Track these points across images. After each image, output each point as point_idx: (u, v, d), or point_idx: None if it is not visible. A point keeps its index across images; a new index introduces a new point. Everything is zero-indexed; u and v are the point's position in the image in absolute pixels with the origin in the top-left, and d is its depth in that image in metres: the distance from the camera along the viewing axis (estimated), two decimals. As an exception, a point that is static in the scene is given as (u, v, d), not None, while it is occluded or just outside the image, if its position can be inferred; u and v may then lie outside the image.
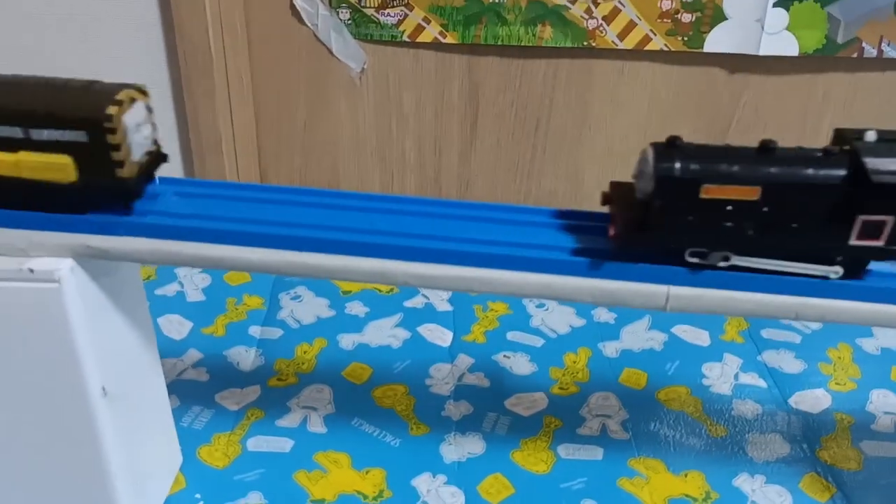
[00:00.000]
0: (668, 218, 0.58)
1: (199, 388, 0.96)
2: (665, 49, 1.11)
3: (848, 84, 1.14)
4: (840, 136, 0.60)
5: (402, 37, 1.14)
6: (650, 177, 0.57)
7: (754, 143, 0.58)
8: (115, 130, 0.58)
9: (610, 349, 1.05)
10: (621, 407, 0.95)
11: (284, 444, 0.89)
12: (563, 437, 0.91)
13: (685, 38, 1.10)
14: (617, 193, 0.62)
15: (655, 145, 0.58)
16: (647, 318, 1.11)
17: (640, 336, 1.08)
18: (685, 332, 1.08)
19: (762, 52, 1.10)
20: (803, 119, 1.17)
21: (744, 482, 0.86)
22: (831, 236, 0.58)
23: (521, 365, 1.02)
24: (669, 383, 0.99)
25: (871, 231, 0.58)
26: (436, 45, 1.14)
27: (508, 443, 0.90)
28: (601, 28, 1.11)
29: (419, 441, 0.90)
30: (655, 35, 1.11)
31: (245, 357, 1.01)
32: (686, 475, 0.87)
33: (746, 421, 0.94)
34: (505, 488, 0.85)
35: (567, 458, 0.88)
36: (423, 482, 0.85)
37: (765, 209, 0.58)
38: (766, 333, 1.08)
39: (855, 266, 0.60)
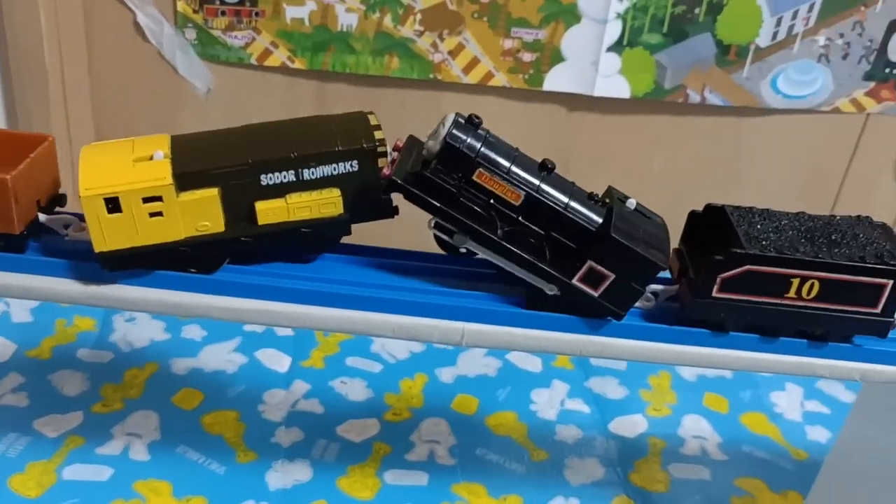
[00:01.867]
0: (437, 182, 0.59)
1: (16, 415, 0.92)
2: (507, 86, 1.16)
3: (676, 127, 1.22)
4: (608, 193, 0.64)
5: (249, 59, 1.14)
6: (440, 140, 0.59)
7: (595, 180, 0.60)
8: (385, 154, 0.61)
9: (446, 375, 1.08)
10: (451, 433, 0.98)
11: (103, 473, 0.87)
12: (391, 463, 0.93)
13: (526, 77, 1.15)
14: (407, 146, 0.63)
15: (457, 115, 0.60)
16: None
17: (476, 362, 1.11)
18: (519, 358, 1.13)
19: (597, 94, 1.16)
20: (638, 158, 1.24)
21: (559, 505, 0.90)
22: (560, 268, 0.61)
23: (357, 391, 1.04)
24: (499, 409, 1.03)
25: (593, 279, 0.61)
26: (285, 70, 1.15)
27: (336, 469, 0.91)
28: (447, 62, 1.14)
29: (245, 468, 0.90)
30: (498, 72, 1.15)
31: (70, 381, 0.98)
32: (505, 499, 0.90)
33: (567, 446, 0.98)
34: (328, 515, 0.86)
35: (392, 483, 0.90)
36: (246, 510, 0.86)
37: (520, 217, 0.60)
38: (595, 361, 1.14)
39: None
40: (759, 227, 0.63)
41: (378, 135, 0.61)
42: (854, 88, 1.20)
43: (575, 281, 0.61)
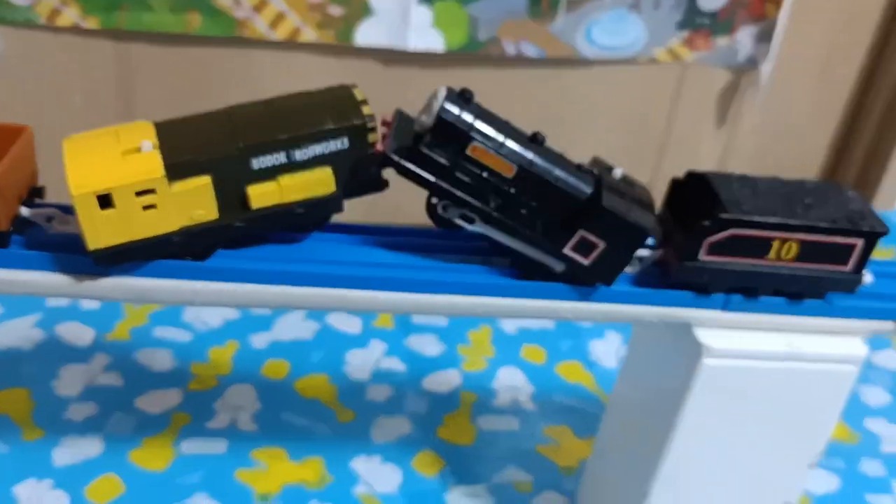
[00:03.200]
0: (431, 157, 0.59)
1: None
2: (318, 42, 1.13)
3: (496, 80, 1.21)
4: (595, 162, 0.66)
5: (38, 20, 1.07)
6: (433, 114, 0.58)
7: None
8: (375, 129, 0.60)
9: (259, 341, 1.05)
10: (257, 399, 0.96)
11: None
12: (190, 432, 0.90)
13: (336, 32, 1.12)
14: (396, 120, 0.62)
15: (450, 89, 0.60)
16: (306, 307, 1.12)
17: (293, 326, 1.09)
18: (338, 320, 1.11)
19: (411, 48, 1.14)
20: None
21: (360, 463, 0.89)
22: (552, 238, 0.63)
23: (162, 361, 1.00)
24: (310, 372, 1.01)
25: (584, 248, 0.62)
26: (77, 30, 1.09)
27: (129, 442, 0.88)
28: (251, 18, 1.10)
29: (31, 446, 0.86)
30: (306, 27, 1.11)
31: None
32: (306, 461, 0.88)
33: (377, 405, 0.97)
34: (115, 488, 0.83)
35: (188, 453, 0.88)
36: (27, 488, 0.82)
37: (512, 190, 0.61)
38: (416, 318, 1.13)
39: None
40: (738, 192, 0.66)
41: (366, 110, 0.60)
42: (669, 38, 1.22)
43: (566, 250, 0.62)
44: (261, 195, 0.59)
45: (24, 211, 0.60)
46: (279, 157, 0.59)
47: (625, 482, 0.76)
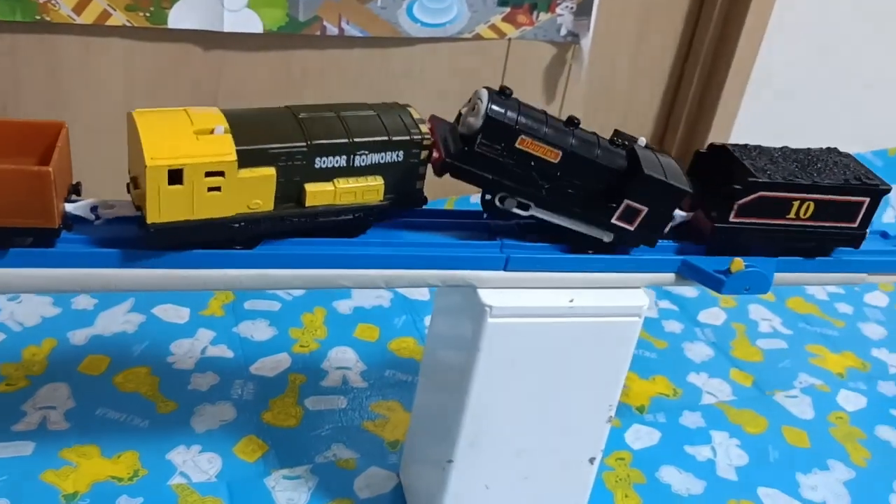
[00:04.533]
0: (485, 156, 0.63)
1: None
2: (129, 25, 1.09)
3: (321, 61, 1.20)
4: (617, 134, 0.69)
5: None
6: (481, 116, 0.62)
7: None
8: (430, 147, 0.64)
9: (79, 337, 1.01)
10: (70, 396, 0.92)
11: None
12: (-5, 435, 0.86)
13: (147, 14, 1.09)
14: (434, 126, 0.66)
15: (489, 90, 0.64)
16: (131, 300, 1.09)
17: (116, 320, 1.05)
18: (166, 311, 1.08)
19: (227, 29, 1.11)
20: (288, 96, 1.21)
21: (178, 455, 0.86)
22: (600, 211, 0.67)
23: (-30, 363, 0.95)
24: (131, 365, 0.97)
25: (629, 215, 0.67)
26: None
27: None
28: (53, 2, 1.05)
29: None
30: (115, 10, 1.07)
31: None
32: (119, 456, 0.85)
33: (200, 393, 0.95)
34: None
35: (-11, 458, 0.84)
36: None
37: (559, 173, 0.65)
38: (248, 305, 1.11)
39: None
40: (758, 160, 0.72)
41: (423, 128, 0.64)
42: (491, 15, 1.23)
43: (614, 220, 0.68)
44: (317, 193, 0.61)
45: (68, 206, 0.60)
46: (340, 160, 0.61)
47: (433, 449, 0.77)
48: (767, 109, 1.44)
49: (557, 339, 0.68)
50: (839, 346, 1.23)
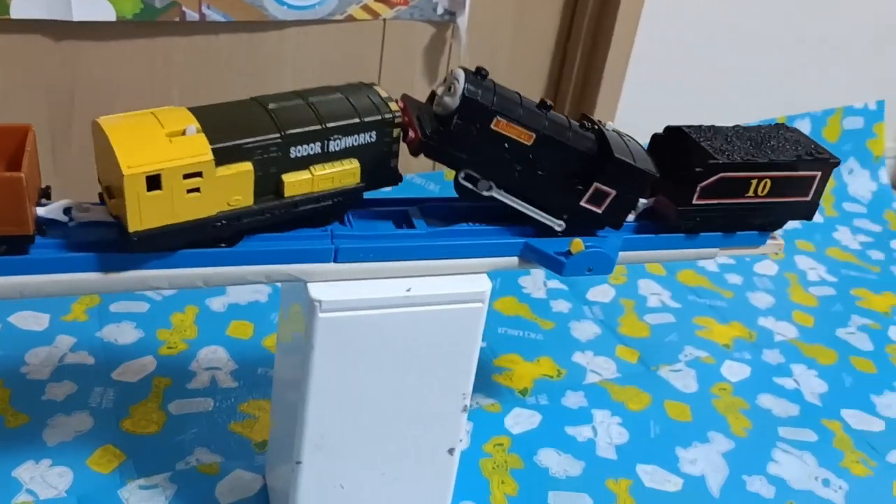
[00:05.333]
0: (461, 136, 0.63)
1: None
2: (-33, 17, 1.02)
3: (185, 49, 1.15)
4: (585, 117, 0.70)
5: None
6: (458, 96, 0.62)
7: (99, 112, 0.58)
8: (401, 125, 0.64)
9: (-76, 351, 0.95)
10: (-89, 415, 0.87)
11: None
12: None
13: (-13, 5, 1.02)
14: (409, 105, 0.65)
15: (466, 70, 0.63)
16: (-15, 308, 1.03)
17: (-29, 330, 0.99)
18: (24, 318, 1.02)
19: (76, 18, 1.05)
20: (152, 88, 1.16)
21: (25, 471, 0.82)
22: (569, 194, 0.68)
23: None
24: (-19, 378, 0.93)
25: (597, 198, 0.68)
26: None
27: None
28: None
29: None
30: (-50, 1, 1.01)
31: None
32: (-40, 477, 0.81)
33: (57, 404, 0.90)
34: None
35: None
36: None
37: (531, 156, 0.65)
38: (115, 307, 1.06)
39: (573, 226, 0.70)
40: (714, 141, 0.73)
41: (393, 106, 0.63)
42: (363, -5, 1.20)
43: (583, 203, 0.68)
44: (295, 183, 0.61)
45: (40, 211, 0.58)
46: (315, 148, 0.61)
47: (287, 450, 0.74)
48: (652, 81, 1.43)
49: (397, 330, 0.66)
50: (727, 317, 1.23)
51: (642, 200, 0.73)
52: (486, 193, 0.66)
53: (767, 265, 1.39)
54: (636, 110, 1.40)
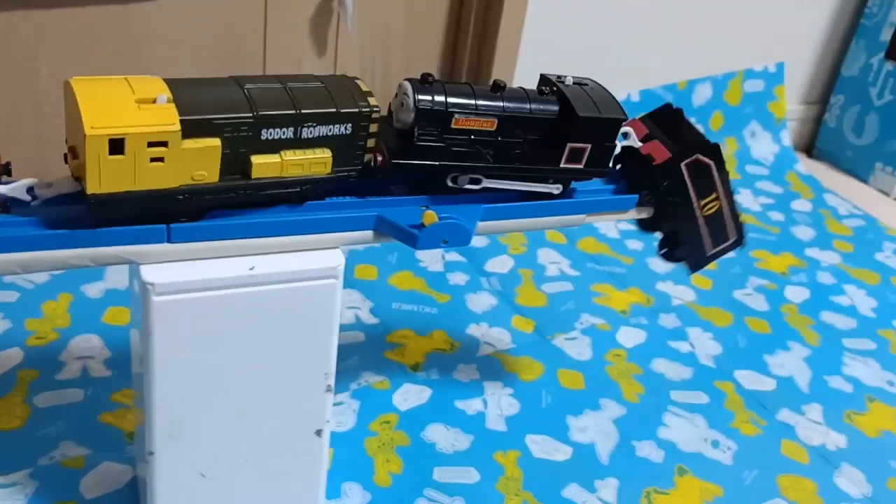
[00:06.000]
0: (426, 146, 0.65)
1: None
2: None
3: (49, 22, 1.09)
4: (543, 80, 0.71)
5: None
6: (410, 109, 0.64)
7: None
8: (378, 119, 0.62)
9: None
10: None
11: None
12: None
13: None
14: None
15: (412, 80, 0.65)
16: None
17: None
18: None
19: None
20: (17, 67, 1.09)
21: None
22: (548, 161, 0.69)
23: None
24: None
25: (575, 156, 0.69)
26: None
27: None
28: None
29: None
30: None
31: None
32: None
33: None
34: None
35: None
36: None
37: (499, 138, 0.67)
38: (-18, 298, 1.01)
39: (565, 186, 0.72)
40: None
41: (372, 101, 0.62)
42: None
43: (563, 165, 0.70)
44: (263, 165, 0.60)
45: (2, 188, 0.57)
46: (287, 132, 0.60)
47: (144, 441, 0.71)
48: (550, 45, 1.41)
49: (244, 311, 0.63)
50: (626, 284, 1.23)
51: (636, 142, 0.75)
52: (471, 187, 0.68)
53: (669, 230, 1.40)
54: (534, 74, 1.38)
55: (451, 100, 0.65)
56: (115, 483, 0.80)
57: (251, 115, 0.58)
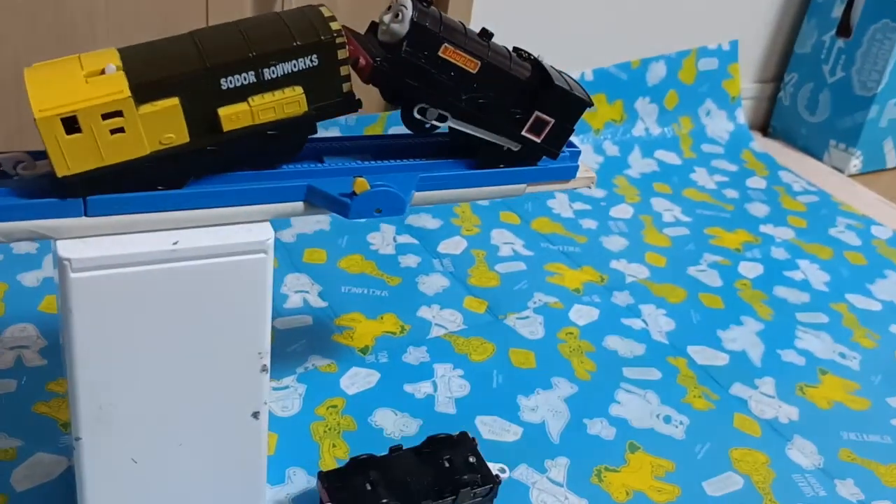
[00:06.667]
0: (411, 63, 0.63)
1: None
2: None
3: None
4: (517, 50, 0.70)
5: None
6: (406, 22, 0.62)
7: None
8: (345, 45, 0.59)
9: None
10: None
11: None
12: None
13: None
14: (351, 34, 0.64)
15: None
16: None
17: None
18: None
19: None
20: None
21: None
22: (511, 124, 0.68)
23: None
24: None
25: (537, 127, 0.69)
26: None
27: None
28: None
29: None
30: None
31: None
32: None
33: None
34: None
35: None
36: None
37: (475, 84, 0.66)
38: (-90, 289, 0.97)
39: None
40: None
41: (335, 26, 0.59)
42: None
43: (524, 132, 0.69)
44: (232, 116, 0.58)
45: None
46: (248, 77, 0.57)
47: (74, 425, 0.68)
48: (503, 18, 1.40)
49: (168, 287, 0.60)
50: (579, 262, 1.22)
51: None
52: (436, 123, 0.67)
53: (623, 209, 1.39)
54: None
55: (445, 28, 0.64)
56: (48, 475, 0.77)
57: (203, 66, 0.56)
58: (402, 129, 0.71)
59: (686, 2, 1.58)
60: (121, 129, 0.55)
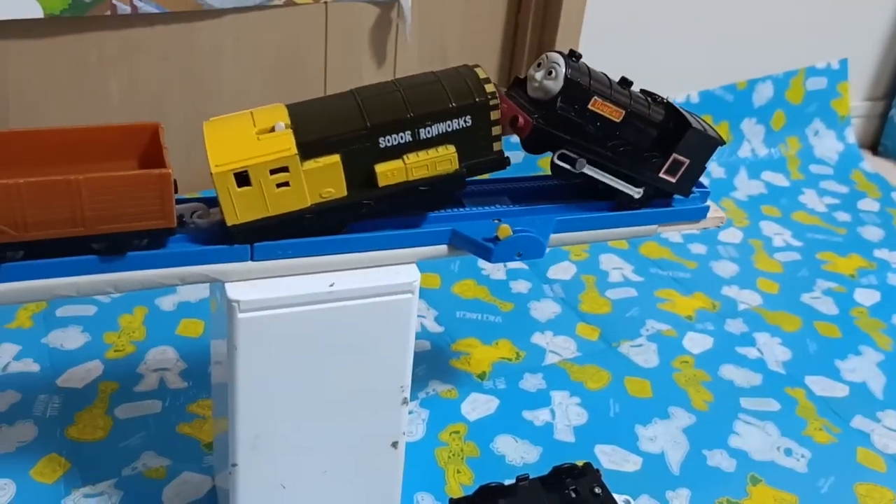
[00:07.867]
0: (566, 117, 0.66)
1: None
2: None
3: (118, 43, 1.12)
4: (648, 93, 0.73)
5: None
6: (560, 79, 0.65)
7: (46, 116, 0.61)
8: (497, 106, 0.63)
9: None
10: None
11: None
12: None
13: None
14: (503, 94, 0.67)
15: (562, 54, 0.66)
16: (-72, 321, 1.01)
17: (-90, 344, 0.97)
18: (-34, 329, 1.00)
19: (2, 17, 1.03)
20: (88, 85, 1.13)
21: (-34, 486, 0.80)
22: (649, 167, 0.70)
23: None
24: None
25: (674, 168, 0.71)
26: None
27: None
28: None
29: None
30: None
31: None
32: None
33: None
34: None
35: None
36: None
37: (617, 132, 0.68)
38: (60, 312, 1.04)
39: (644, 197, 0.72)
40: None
41: (489, 88, 0.62)
42: (303, -22, 1.17)
43: (662, 174, 0.71)
44: (387, 173, 0.61)
45: (178, 207, 0.61)
46: (405, 136, 0.61)
47: (226, 450, 0.72)
48: (607, 52, 1.41)
49: (324, 326, 0.64)
50: (690, 289, 1.22)
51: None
52: (586, 172, 0.69)
53: (732, 233, 1.38)
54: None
55: (594, 82, 0.67)
56: (196, 493, 0.82)
57: (364, 127, 0.60)
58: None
59: (793, 21, 1.56)
60: (286, 184, 0.59)
